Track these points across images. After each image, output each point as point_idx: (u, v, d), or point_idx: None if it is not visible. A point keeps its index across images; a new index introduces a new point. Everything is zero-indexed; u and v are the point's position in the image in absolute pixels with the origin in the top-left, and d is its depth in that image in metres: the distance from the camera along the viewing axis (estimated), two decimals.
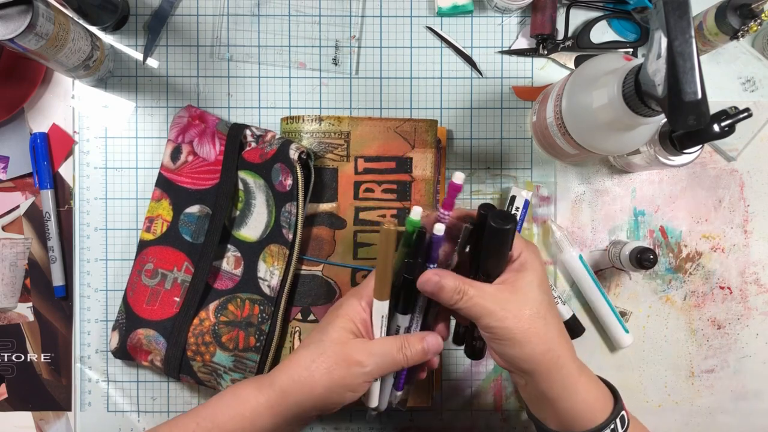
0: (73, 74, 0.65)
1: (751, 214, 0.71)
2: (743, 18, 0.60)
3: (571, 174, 0.70)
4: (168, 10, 0.69)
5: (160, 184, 0.67)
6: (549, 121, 0.60)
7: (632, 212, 0.70)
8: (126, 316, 0.65)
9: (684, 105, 0.41)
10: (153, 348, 0.65)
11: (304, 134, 0.66)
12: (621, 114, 0.49)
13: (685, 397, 0.71)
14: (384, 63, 0.70)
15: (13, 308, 0.69)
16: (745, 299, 0.71)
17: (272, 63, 0.70)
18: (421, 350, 0.50)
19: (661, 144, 0.59)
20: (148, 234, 0.66)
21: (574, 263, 0.68)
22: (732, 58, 0.70)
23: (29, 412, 0.69)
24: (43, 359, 0.69)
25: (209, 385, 0.65)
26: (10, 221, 0.69)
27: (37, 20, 0.54)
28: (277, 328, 0.64)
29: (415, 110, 0.70)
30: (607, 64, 0.53)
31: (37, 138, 0.68)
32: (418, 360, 0.51)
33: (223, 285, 0.66)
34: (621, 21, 0.70)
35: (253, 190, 0.66)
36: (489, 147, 0.70)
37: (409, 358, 0.50)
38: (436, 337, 0.51)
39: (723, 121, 0.55)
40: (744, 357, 0.71)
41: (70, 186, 0.69)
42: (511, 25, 0.70)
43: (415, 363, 0.51)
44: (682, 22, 0.41)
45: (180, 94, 0.70)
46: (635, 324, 0.70)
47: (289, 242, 0.63)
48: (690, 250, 0.71)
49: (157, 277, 0.66)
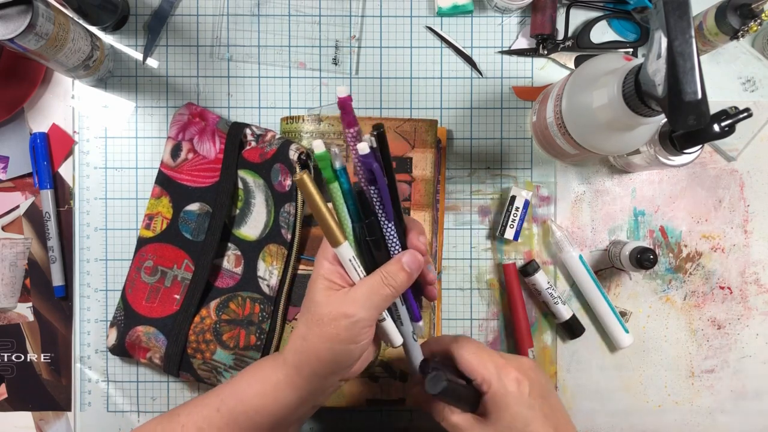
0: (73, 74, 0.65)
1: (751, 214, 0.71)
2: (743, 18, 0.60)
3: (571, 174, 0.70)
4: (168, 10, 0.69)
5: (160, 182, 0.67)
6: (549, 121, 0.60)
7: (632, 212, 0.70)
8: (125, 313, 0.66)
9: (684, 105, 0.41)
10: (152, 345, 0.65)
11: (304, 134, 0.66)
12: (621, 114, 0.49)
13: (685, 397, 0.71)
14: (384, 63, 0.70)
15: (13, 308, 0.69)
16: (745, 299, 0.71)
17: (272, 63, 0.70)
18: (404, 275, 0.48)
19: (661, 144, 0.59)
20: (147, 231, 0.67)
21: (574, 263, 0.68)
22: (732, 58, 0.70)
23: (29, 412, 0.69)
24: (43, 359, 0.69)
25: (209, 383, 0.65)
26: (10, 221, 0.69)
27: (37, 20, 0.54)
28: (277, 327, 0.64)
29: (415, 110, 0.70)
30: (607, 64, 0.53)
31: (37, 138, 0.68)
32: (407, 283, 0.49)
33: (224, 283, 0.66)
34: (621, 21, 0.70)
35: (252, 190, 0.66)
36: (489, 147, 0.70)
37: (396, 286, 0.48)
38: (413, 254, 0.49)
39: (723, 121, 0.55)
40: (744, 357, 0.71)
41: (70, 186, 0.69)
42: (511, 25, 0.70)
43: (406, 287, 0.49)
44: (682, 22, 0.41)
45: (180, 94, 0.70)
46: (635, 324, 0.70)
47: (287, 242, 0.63)
48: (690, 250, 0.71)
49: (156, 274, 0.66)
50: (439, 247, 0.68)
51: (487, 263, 0.70)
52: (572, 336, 0.69)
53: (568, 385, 0.70)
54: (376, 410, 0.70)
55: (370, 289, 0.48)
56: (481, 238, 0.70)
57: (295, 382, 0.49)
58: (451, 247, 0.70)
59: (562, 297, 0.69)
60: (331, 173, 0.46)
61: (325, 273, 0.49)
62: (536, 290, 0.68)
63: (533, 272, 0.67)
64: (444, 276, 0.70)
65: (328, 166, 0.46)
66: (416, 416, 0.70)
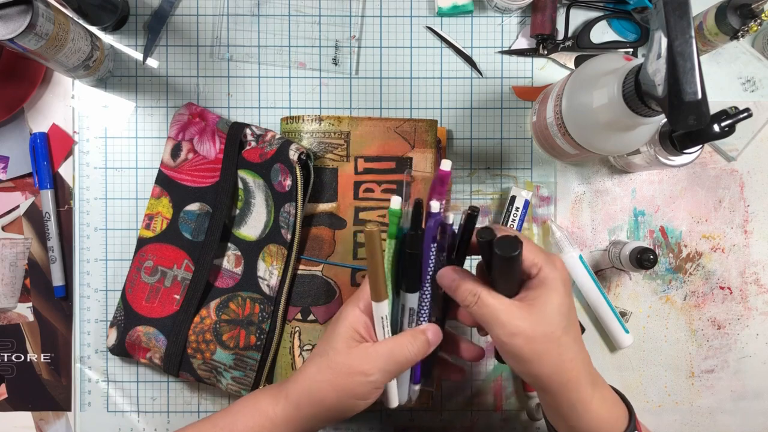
0: (73, 74, 0.65)
1: (751, 214, 0.71)
2: (743, 18, 0.60)
3: (571, 174, 0.70)
4: (168, 10, 0.69)
5: (159, 182, 0.67)
6: (549, 121, 0.60)
7: (632, 212, 0.70)
8: (125, 313, 0.66)
9: (684, 105, 0.41)
10: (152, 345, 0.65)
11: (304, 134, 0.66)
12: (621, 114, 0.49)
13: (685, 397, 0.71)
14: (384, 63, 0.70)
15: (13, 308, 0.69)
16: (745, 299, 0.71)
17: (272, 63, 0.70)
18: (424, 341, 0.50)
19: (661, 144, 0.59)
20: (147, 231, 0.67)
21: (574, 263, 0.68)
22: (732, 58, 0.70)
23: (29, 412, 0.69)
24: (43, 359, 0.69)
25: (209, 382, 0.65)
26: (10, 221, 0.69)
27: (37, 20, 0.54)
28: (277, 328, 0.64)
29: (415, 110, 0.70)
30: (607, 64, 0.53)
31: (37, 138, 0.68)
32: (424, 352, 0.50)
33: (224, 283, 0.66)
34: (621, 21, 0.70)
35: (252, 190, 0.66)
36: (489, 147, 0.70)
37: (416, 353, 0.49)
38: (436, 328, 0.51)
39: (723, 121, 0.55)
40: (744, 357, 0.71)
41: (70, 186, 0.69)
42: (511, 25, 0.70)
43: (422, 356, 0.50)
44: (682, 22, 0.41)
45: (180, 94, 0.70)
46: (635, 324, 0.70)
47: (287, 242, 0.63)
48: (690, 250, 0.71)
49: (156, 274, 0.66)
50: None
51: None
52: None
53: None
54: (376, 410, 0.70)
55: (391, 352, 0.49)
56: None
57: (292, 419, 0.49)
58: None
59: None
60: (396, 230, 0.48)
61: (352, 321, 0.50)
62: None
63: None
64: None
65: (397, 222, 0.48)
66: (416, 416, 0.70)
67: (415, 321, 0.52)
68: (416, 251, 0.49)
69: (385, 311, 0.50)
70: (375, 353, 0.49)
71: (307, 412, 0.49)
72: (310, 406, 0.49)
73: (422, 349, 0.50)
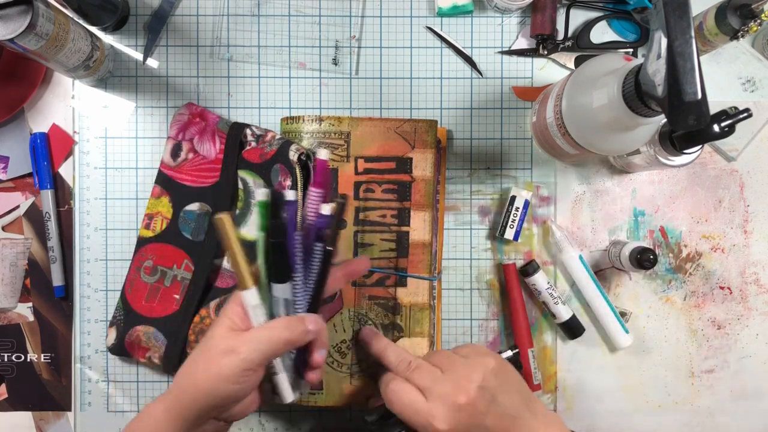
0: (73, 74, 0.65)
1: (751, 214, 0.71)
2: (743, 18, 0.60)
3: (571, 174, 0.70)
4: (168, 10, 0.69)
5: (159, 181, 0.67)
6: (549, 121, 0.60)
7: (632, 212, 0.70)
8: (124, 312, 0.66)
9: (684, 105, 0.41)
10: (152, 345, 0.65)
11: (304, 134, 0.66)
12: (621, 114, 0.49)
13: (685, 398, 0.71)
14: (384, 63, 0.70)
15: (13, 308, 0.69)
16: (745, 299, 0.71)
17: (272, 63, 0.70)
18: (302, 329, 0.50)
19: (661, 144, 0.59)
20: (147, 231, 0.67)
21: (574, 263, 0.68)
22: (732, 58, 0.70)
23: (29, 412, 0.69)
24: (43, 359, 0.69)
25: None
26: (10, 221, 0.69)
27: (37, 20, 0.54)
28: None
29: (415, 110, 0.70)
30: (607, 64, 0.53)
31: (37, 138, 0.68)
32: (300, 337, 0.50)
33: (224, 283, 0.66)
34: (621, 21, 0.70)
35: (252, 190, 0.66)
36: (489, 147, 0.70)
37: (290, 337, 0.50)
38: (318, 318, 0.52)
39: (723, 121, 0.55)
40: (744, 357, 0.71)
41: (70, 186, 0.69)
42: (511, 25, 0.70)
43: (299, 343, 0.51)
44: (682, 22, 0.41)
45: (180, 94, 0.70)
46: (635, 324, 0.70)
47: None
48: (690, 251, 0.71)
49: (156, 274, 0.66)
50: (439, 248, 0.68)
51: (487, 263, 0.70)
52: (572, 336, 0.69)
53: (568, 385, 0.70)
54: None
55: (262, 334, 0.49)
56: (481, 238, 0.70)
57: (171, 411, 0.50)
58: (451, 248, 0.70)
59: (562, 297, 0.69)
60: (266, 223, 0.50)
61: (229, 313, 0.51)
62: (536, 290, 0.68)
63: (533, 272, 0.67)
64: (444, 276, 0.70)
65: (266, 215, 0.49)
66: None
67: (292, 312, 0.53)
68: (278, 240, 0.50)
69: (255, 301, 0.50)
70: (248, 334, 0.49)
71: (186, 399, 0.49)
72: (188, 392, 0.49)
73: (297, 333, 0.50)
